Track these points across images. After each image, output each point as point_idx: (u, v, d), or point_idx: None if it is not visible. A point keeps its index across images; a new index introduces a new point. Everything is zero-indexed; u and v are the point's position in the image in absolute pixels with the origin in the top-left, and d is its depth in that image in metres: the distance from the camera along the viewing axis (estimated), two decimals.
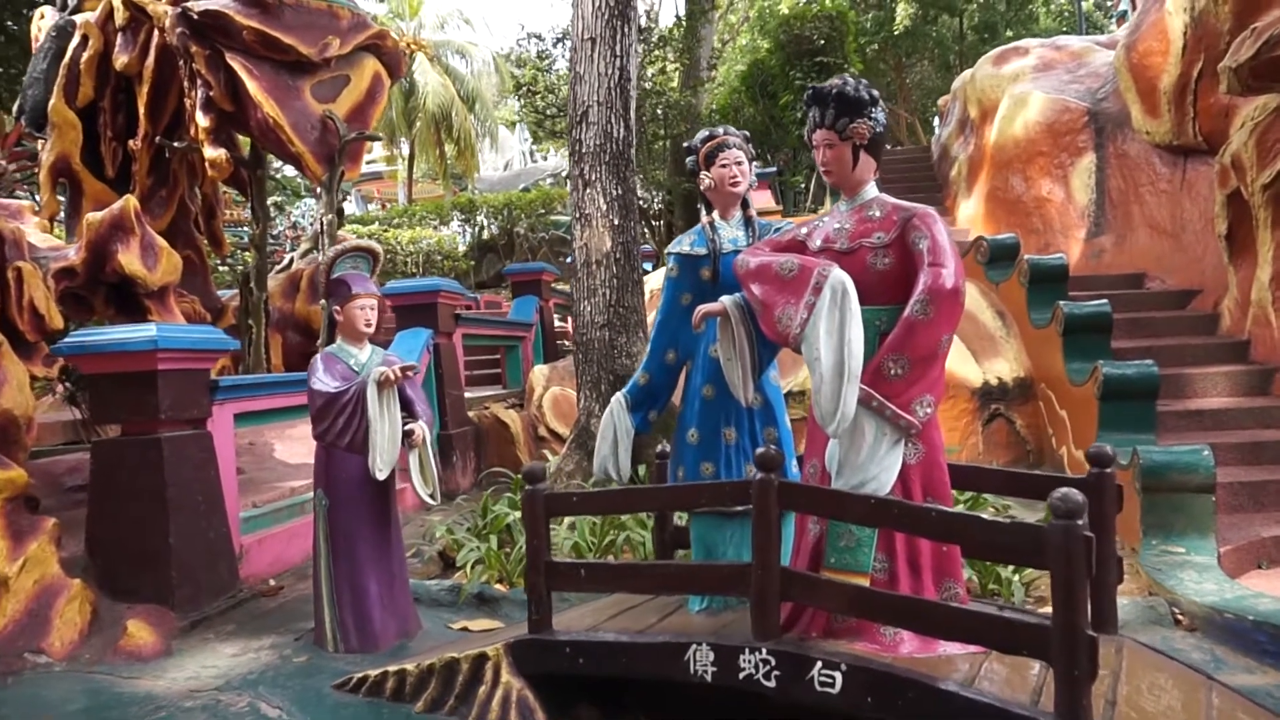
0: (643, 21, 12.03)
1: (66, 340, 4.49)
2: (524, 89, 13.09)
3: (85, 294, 5.85)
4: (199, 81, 8.96)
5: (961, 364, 7.45)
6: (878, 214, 2.78)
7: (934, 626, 2.38)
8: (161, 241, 6.10)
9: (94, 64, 9.19)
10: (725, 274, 3.16)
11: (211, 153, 9.18)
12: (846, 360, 2.52)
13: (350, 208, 35.81)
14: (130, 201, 5.86)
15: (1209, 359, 6.56)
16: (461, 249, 17.94)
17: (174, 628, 4.17)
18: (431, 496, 4.00)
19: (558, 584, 3.00)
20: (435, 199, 25.31)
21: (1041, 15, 22.18)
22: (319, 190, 14.48)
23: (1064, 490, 2.16)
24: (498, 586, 4.64)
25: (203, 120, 9.02)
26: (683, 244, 3.39)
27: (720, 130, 3.37)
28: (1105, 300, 6.48)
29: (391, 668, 3.30)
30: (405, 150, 28.57)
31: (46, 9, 9.95)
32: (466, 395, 9.48)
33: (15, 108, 10.25)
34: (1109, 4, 23.06)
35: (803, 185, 12.37)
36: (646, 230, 13.97)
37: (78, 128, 9.25)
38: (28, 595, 3.95)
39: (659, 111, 13.55)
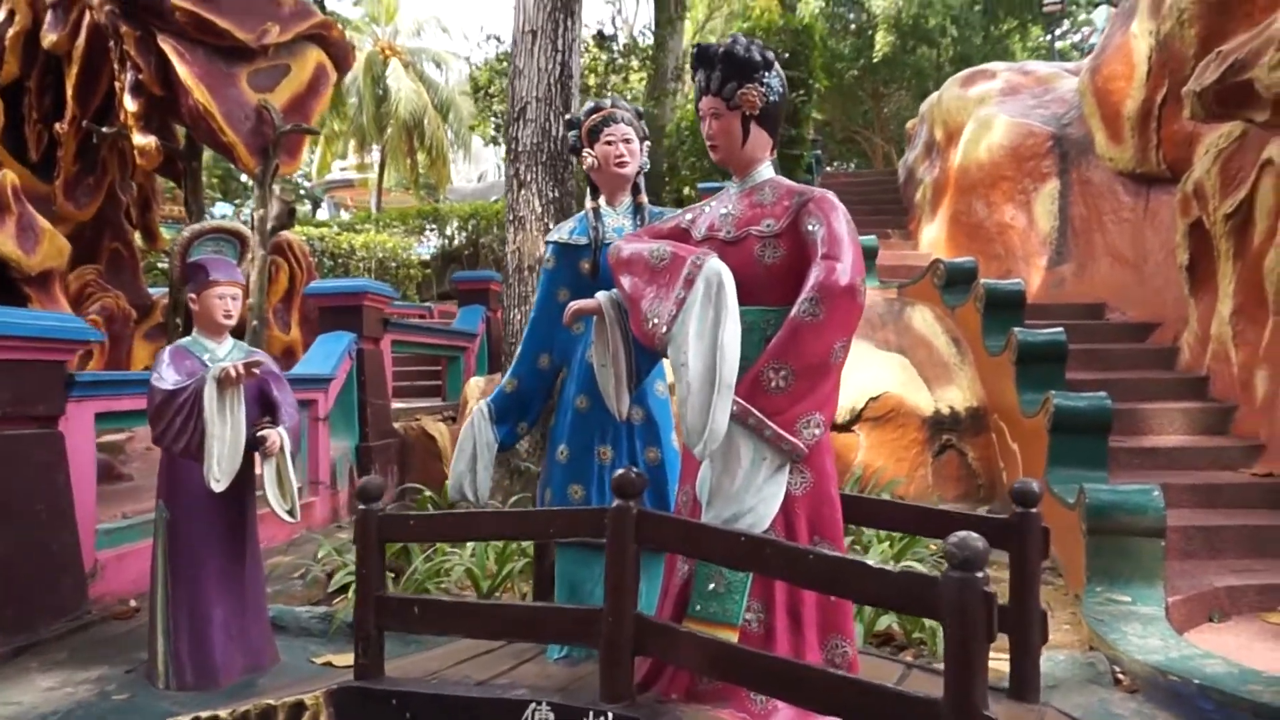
0: (609, 29, 11.76)
1: None
2: (481, 92, 12.71)
3: None
4: (129, 64, 8.51)
5: (913, 391, 7.10)
6: (769, 198, 2.38)
7: (808, 697, 1.95)
8: (45, 224, 5.63)
9: (19, 41, 8.69)
10: (608, 267, 2.74)
11: (140, 140, 8.72)
12: (718, 366, 2.10)
13: (322, 213, 35.35)
14: (8, 176, 5.39)
15: (1166, 394, 6.26)
16: (425, 257, 17.48)
17: None
18: (290, 514, 3.54)
19: (389, 622, 2.55)
20: (408, 208, 24.86)
21: (1018, 51, 22.20)
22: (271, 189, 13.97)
23: (961, 536, 1.75)
24: None
25: (131, 105, 8.56)
26: (561, 231, 2.98)
27: (608, 102, 2.97)
28: (1061, 329, 6.16)
29: (205, 714, 2.82)
30: (376, 157, 28.13)
31: None
32: (400, 406, 9.00)
33: None
34: (1086, 44, 23.17)
35: None
36: None
37: None
38: None
39: None
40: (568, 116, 3.08)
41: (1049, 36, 21.22)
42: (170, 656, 3.41)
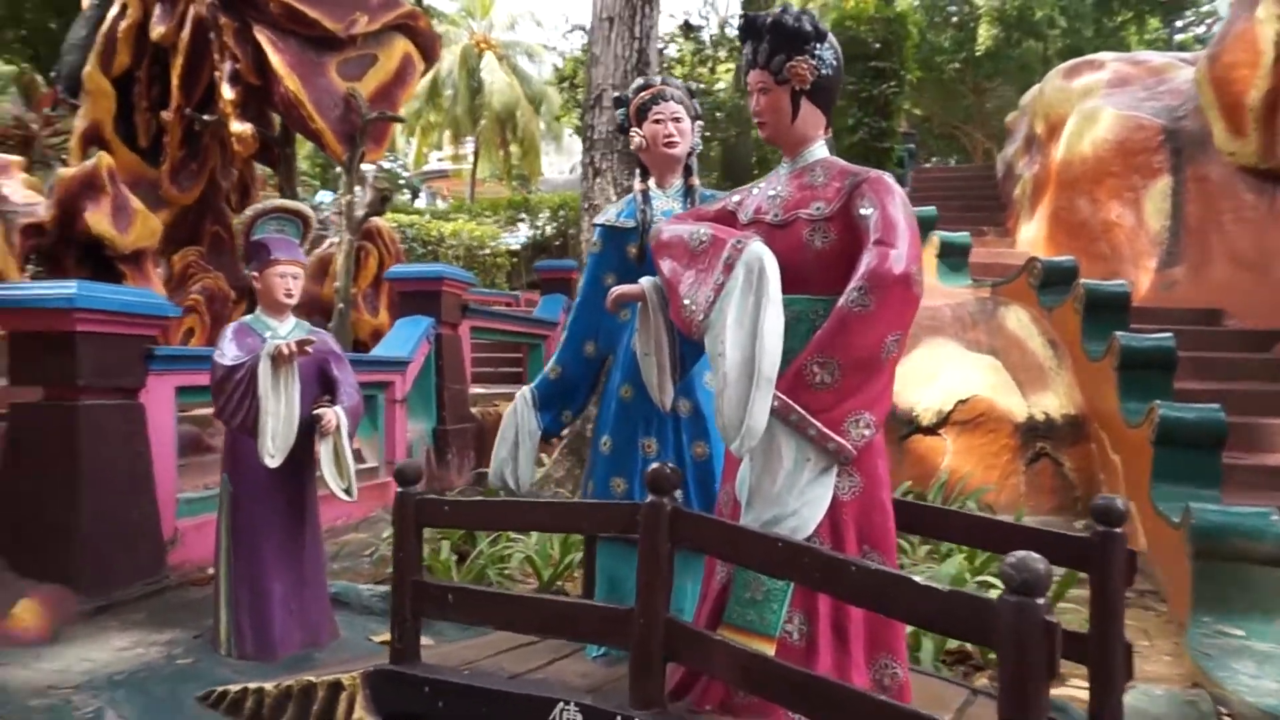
0: (696, 19, 11.59)
1: None
2: (566, 82, 12.70)
3: (56, 252, 5.62)
4: (227, 54, 8.83)
5: (1005, 395, 6.76)
6: (820, 180, 2.22)
7: (836, 716, 1.81)
8: (138, 204, 5.85)
9: (131, 33, 9.09)
10: None
11: (237, 127, 9.02)
12: (758, 357, 1.97)
13: (420, 202, 36.26)
14: (104, 159, 5.63)
15: None
16: (515, 246, 17.69)
17: (74, 612, 3.82)
18: (346, 492, 3.56)
19: (425, 609, 2.51)
20: (499, 198, 25.28)
21: (1133, 43, 20.96)
22: (365, 177, 14.35)
23: (1020, 556, 1.58)
24: None
25: (228, 93, 8.88)
26: (608, 214, 2.88)
27: (657, 79, 2.85)
28: (1170, 335, 5.73)
29: (252, 685, 2.85)
30: (471, 149, 28.65)
31: None
32: (480, 391, 9.10)
33: (53, 72, 10.30)
34: (1209, 35, 21.70)
35: None
36: None
37: (111, 96, 9.17)
38: None
39: (716, 115, 13.05)
40: (615, 94, 2.97)
41: (1168, 28, 19.95)
42: (232, 626, 3.48)
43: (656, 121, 2.75)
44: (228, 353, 3.39)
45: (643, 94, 2.80)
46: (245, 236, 3.64)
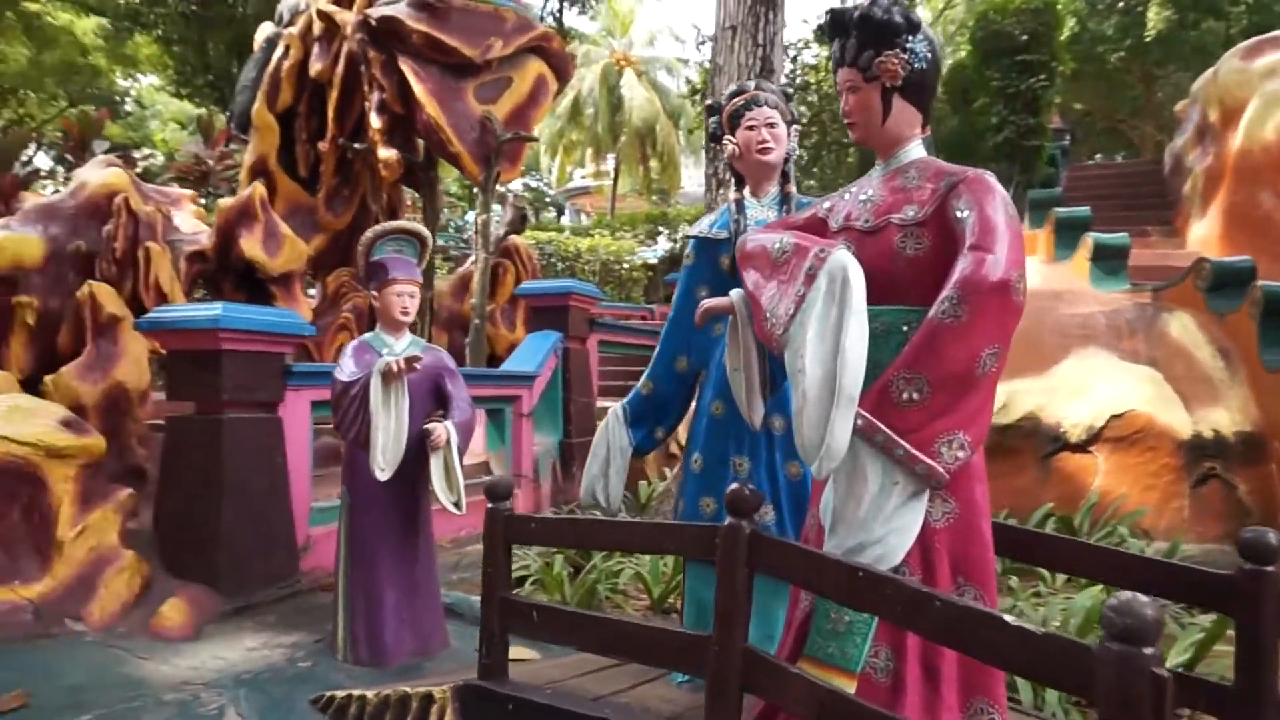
0: None
1: (145, 316, 4.58)
2: (698, 94, 12.68)
3: (216, 277, 6.09)
4: (375, 85, 9.37)
5: (1166, 409, 6.18)
6: (914, 182, 2.06)
7: None
8: (286, 231, 6.25)
9: (294, 72, 9.78)
10: None
11: (384, 153, 9.54)
12: (839, 374, 1.84)
13: (566, 219, 37.31)
14: (258, 189, 6.04)
15: None
16: (652, 260, 17.84)
17: (216, 611, 4.09)
18: (456, 506, 3.63)
19: (512, 625, 2.51)
20: (638, 213, 25.62)
21: None
22: (506, 196, 14.86)
23: (1126, 599, 1.39)
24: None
25: (376, 122, 9.41)
26: (702, 225, 2.80)
27: (751, 84, 2.74)
28: None
29: (355, 692, 2.95)
30: (611, 165, 29.17)
31: (266, 24, 10.75)
32: (606, 405, 9.18)
33: (227, 112, 11.24)
34: None
35: None
36: None
37: (276, 131, 9.89)
38: (80, 562, 4.01)
39: None
40: (709, 102, 2.89)
41: None
42: (348, 632, 3.62)
43: (750, 128, 2.66)
44: (345, 369, 3.54)
45: (735, 100, 2.71)
46: (365, 257, 3.80)
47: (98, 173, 6.00)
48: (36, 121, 20.01)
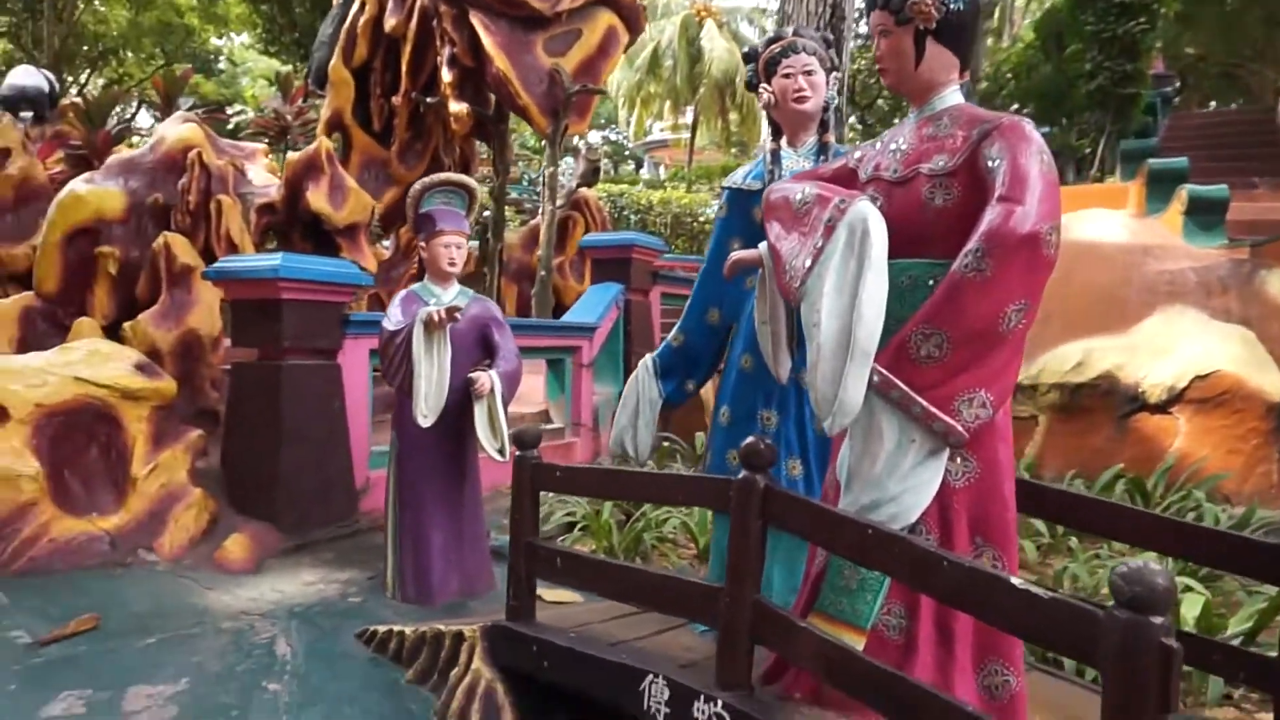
0: None
1: (212, 266, 4.74)
2: None
3: (285, 228, 6.26)
4: (446, 39, 9.41)
5: (1257, 371, 5.85)
6: (945, 129, 1.95)
7: None
8: (352, 183, 6.36)
9: (369, 27, 9.90)
10: None
11: (454, 107, 9.60)
12: (854, 328, 1.78)
13: (644, 172, 37.10)
14: (324, 143, 6.15)
15: None
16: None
17: (277, 547, 4.27)
18: (500, 453, 3.68)
19: (538, 570, 2.55)
20: (714, 165, 25.23)
21: None
22: (579, 149, 14.83)
23: (1136, 567, 1.33)
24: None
25: (447, 75, 9.46)
26: (736, 176, 2.72)
27: (788, 31, 2.63)
28: None
29: (395, 628, 3.05)
30: (690, 118, 28.71)
31: None
32: None
33: (306, 69, 11.45)
34: None
35: (1087, 150, 10.46)
36: None
37: (351, 86, 10.05)
38: (152, 497, 4.23)
39: None
40: (745, 49, 2.79)
41: None
42: (397, 572, 3.74)
43: (786, 76, 2.56)
44: (392, 318, 3.61)
45: (772, 47, 2.61)
46: (414, 209, 3.84)
47: (175, 128, 6.20)
48: (135, 79, 20.82)
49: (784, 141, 2.65)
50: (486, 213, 11.29)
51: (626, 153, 38.20)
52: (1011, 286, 1.72)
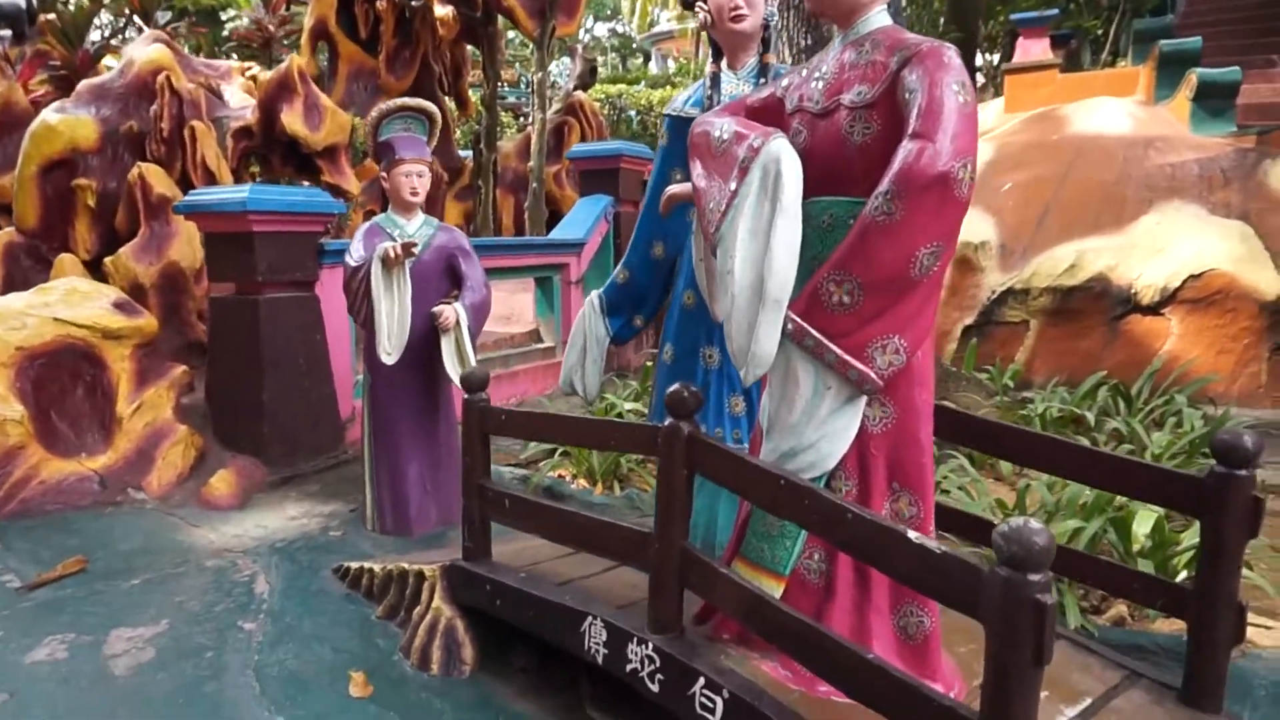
0: None
1: (183, 200, 4.68)
2: None
3: (265, 152, 6.15)
4: None
5: (1253, 268, 5.72)
6: (868, 56, 1.85)
7: (827, 669, 1.66)
8: (327, 102, 6.21)
9: None
10: None
11: (440, 10, 9.30)
12: (765, 277, 1.74)
13: (652, 66, 35.93)
14: (295, 61, 5.98)
15: None
16: None
17: (263, 481, 4.37)
18: None
19: (490, 511, 2.59)
20: None
21: None
22: (575, 48, 14.33)
23: (1017, 525, 1.33)
24: (577, 484, 4.32)
25: None
26: (676, 103, 2.62)
27: None
28: None
29: (368, 565, 3.14)
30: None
31: None
32: None
33: None
34: None
35: (1100, 32, 9.95)
36: None
37: None
38: (138, 436, 4.31)
39: None
40: None
41: None
42: (375, 504, 3.82)
43: None
44: (355, 253, 3.58)
45: None
46: (373, 137, 3.75)
47: (143, 51, 6.03)
48: None
49: (724, 64, 2.53)
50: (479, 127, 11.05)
51: (635, 45, 36.93)
52: (922, 229, 1.66)
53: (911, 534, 1.52)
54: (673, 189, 2.32)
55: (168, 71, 5.79)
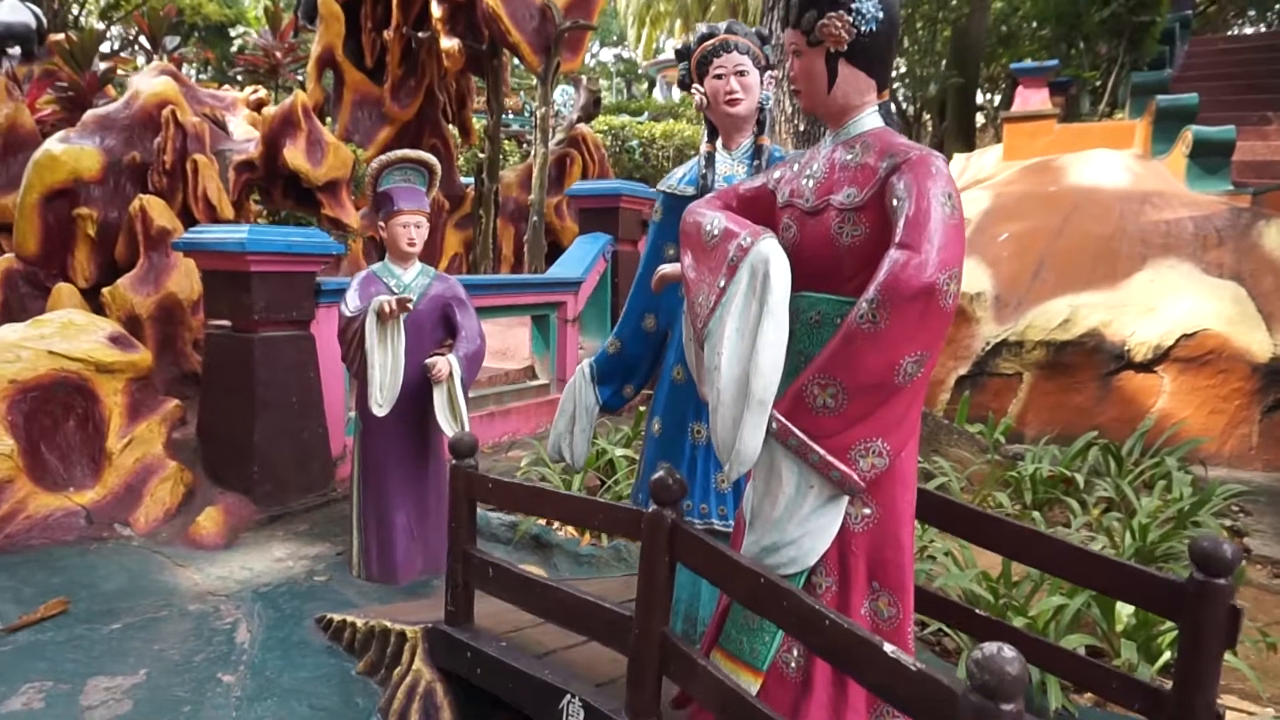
0: None
1: (182, 237, 4.71)
2: None
3: (266, 186, 6.19)
4: None
5: (1245, 329, 5.77)
6: (857, 159, 1.88)
7: None
8: (330, 138, 6.25)
9: None
10: None
11: (446, 43, 9.39)
12: (751, 377, 1.76)
13: (656, 91, 36.21)
14: (300, 96, 6.02)
15: None
16: None
17: (251, 519, 4.36)
18: None
19: (473, 579, 2.59)
20: None
21: None
22: (579, 78, 14.44)
23: (991, 651, 1.33)
24: (565, 532, 4.32)
25: (436, 11, 9.24)
26: (671, 179, 2.66)
27: (720, 27, 2.52)
28: None
29: (350, 619, 3.13)
30: None
31: None
32: None
33: (295, 3, 11.14)
34: None
35: (1099, 83, 10.06)
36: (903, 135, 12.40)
37: (342, 20, 9.79)
38: (128, 471, 4.31)
39: None
40: (678, 46, 2.68)
41: None
42: (361, 550, 3.82)
43: (717, 76, 2.47)
44: (350, 303, 3.60)
45: (704, 45, 2.51)
46: (372, 187, 3.78)
47: (149, 81, 6.09)
48: (132, 5, 20.35)
49: (719, 143, 2.57)
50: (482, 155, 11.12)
51: (640, 71, 37.23)
52: (907, 338, 1.68)
53: (888, 647, 1.52)
54: (665, 269, 2.35)
55: (173, 105, 5.83)
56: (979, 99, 15.58)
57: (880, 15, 1.85)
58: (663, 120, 15.75)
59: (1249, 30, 19.34)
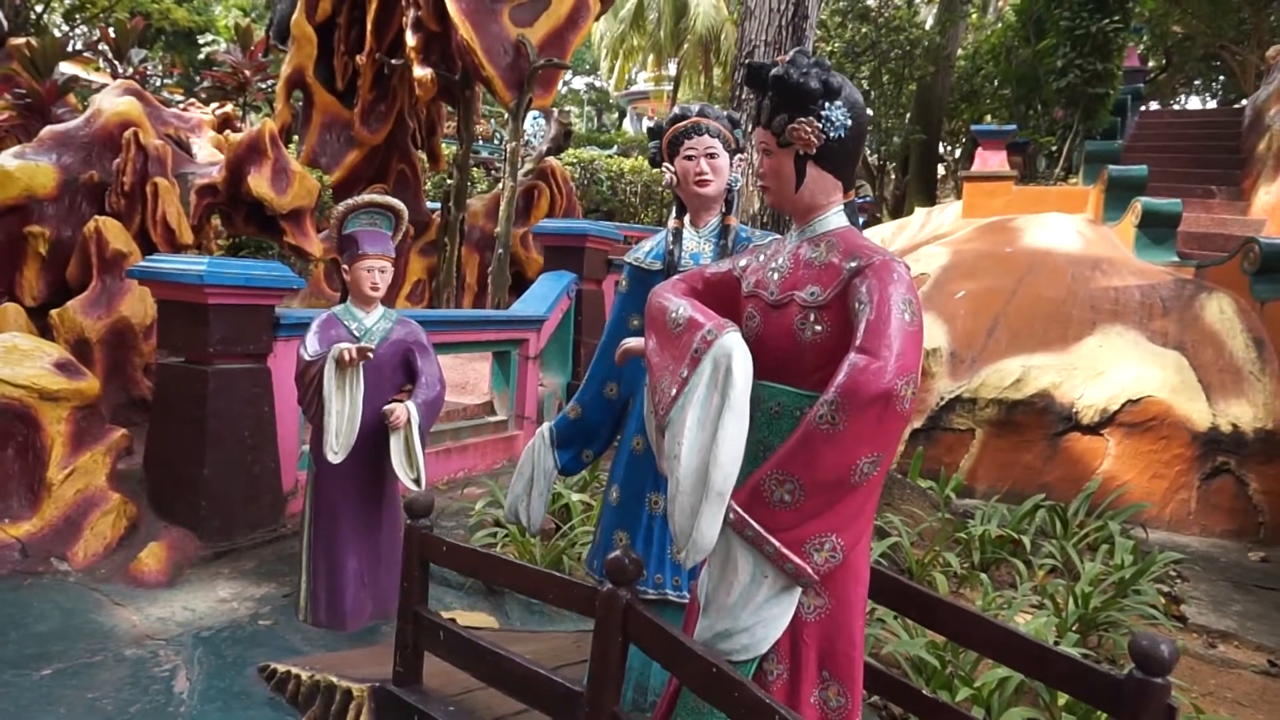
0: None
1: (137, 265, 4.64)
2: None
3: (228, 211, 6.12)
4: (411, 1, 9.16)
5: (1186, 398, 5.96)
6: (822, 258, 1.93)
7: None
8: (297, 167, 6.22)
9: None
10: None
11: (419, 72, 9.39)
12: (710, 469, 1.78)
13: (627, 122, 36.55)
14: (267, 124, 5.99)
15: None
16: None
17: (196, 555, 4.26)
18: (415, 483, 3.68)
19: (424, 640, 2.57)
20: None
21: None
22: (550, 112, 14.52)
23: None
24: None
25: (410, 39, 9.25)
26: (638, 252, 2.70)
27: (694, 109, 2.58)
28: None
29: (294, 670, 3.07)
30: (674, 70, 28.25)
31: None
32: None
33: (267, 22, 11.10)
34: None
35: (1054, 148, 10.41)
36: (868, 186, 12.68)
37: (314, 42, 9.76)
38: (68, 503, 4.19)
39: (914, 52, 12.03)
40: (650, 124, 2.74)
41: None
42: (309, 594, 3.75)
43: (688, 157, 2.53)
44: (309, 346, 3.56)
45: (676, 126, 2.57)
46: (338, 229, 3.76)
47: (112, 100, 6.00)
48: (98, 8, 20.03)
49: (687, 219, 2.61)
50: (449, 181, 11.11)
51: (611, 101, 37.59)
52: (864, 440, 1.72)
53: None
54: (629, 343, 2.37)
55: (135, 127, 5.75)
56: (941, 151, 15.98)
57: (849, 123, 1.91)
58: (631, 155, 15.89)
59: (1195, 101, 20.16)
